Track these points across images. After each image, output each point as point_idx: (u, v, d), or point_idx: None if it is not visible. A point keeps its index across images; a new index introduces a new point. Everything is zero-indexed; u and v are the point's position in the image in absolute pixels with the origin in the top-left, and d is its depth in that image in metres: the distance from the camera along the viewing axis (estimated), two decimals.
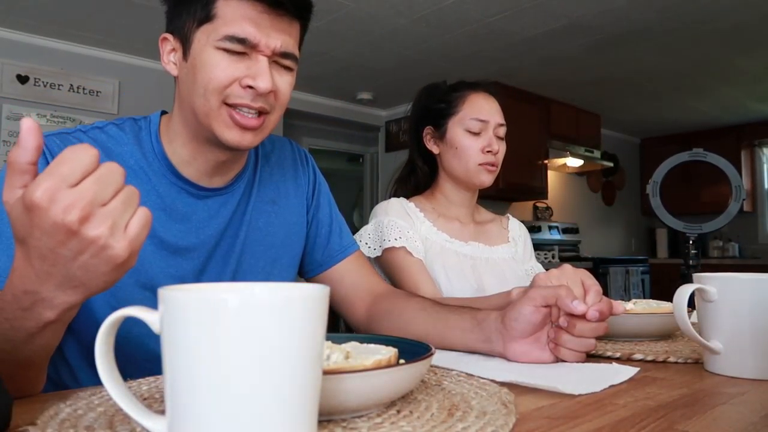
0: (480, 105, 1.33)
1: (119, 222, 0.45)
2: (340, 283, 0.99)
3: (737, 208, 2.18)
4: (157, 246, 0.81)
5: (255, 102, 0.76)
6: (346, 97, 4.77)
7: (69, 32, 3.34)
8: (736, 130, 5.57)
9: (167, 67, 0.81)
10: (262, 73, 0.75)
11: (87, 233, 0.44)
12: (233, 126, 0.77)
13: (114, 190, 0.45)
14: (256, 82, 0.75)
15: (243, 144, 0.79)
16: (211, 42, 0.75)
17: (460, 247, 1.33)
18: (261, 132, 0.80)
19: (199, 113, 0.77)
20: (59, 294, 0.49)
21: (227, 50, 0.75)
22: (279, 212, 0.94)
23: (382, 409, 0.51)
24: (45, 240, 0.45)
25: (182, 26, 0.78)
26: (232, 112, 0.76)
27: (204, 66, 0.75)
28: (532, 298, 0.72)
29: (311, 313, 0.36)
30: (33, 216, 0.44)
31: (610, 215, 5.98)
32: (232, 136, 0.78)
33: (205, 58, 0.75)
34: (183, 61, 0.79)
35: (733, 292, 0.67)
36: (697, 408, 0.55)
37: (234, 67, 0.75)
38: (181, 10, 0.78)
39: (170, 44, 0.80)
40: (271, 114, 0.80)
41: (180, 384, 0.35)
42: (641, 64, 3.90)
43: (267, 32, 0.76)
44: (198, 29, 0.76)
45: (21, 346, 0.53)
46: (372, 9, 3.01)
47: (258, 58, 0.76)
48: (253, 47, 0.75)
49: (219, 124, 0.77)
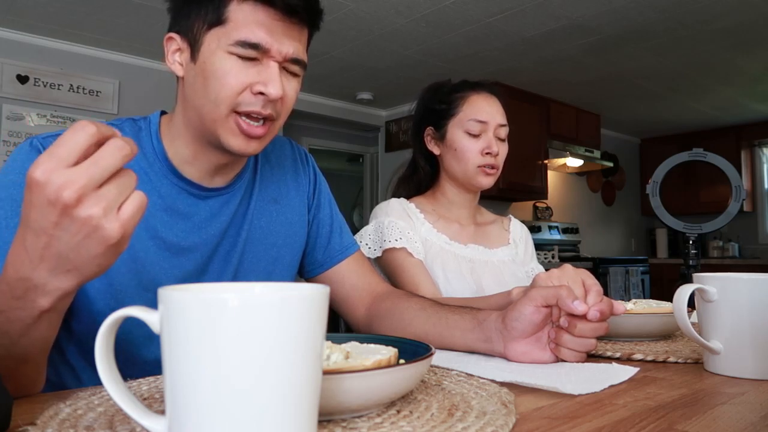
0: (480, 106, 1.32)
1: (113, 204, 0.46)
2: (341, 283, 0.99)
3: (737, 208, 2.17)
4: (159, 246, 0.81)
5: (265, 109, 0.76)
6: (346, 97, 4.77)
7: (69, 32, 3.34)
8: (735, 130, 5.57)
9: (172, 67, 0.80)
10: (273, 80, 0.75)
11: (79, 213, 0.45)
12: (239, 134, 0.77)
13: (110, 172, 0.46)
14: (267, 89, 0.74)
15: (248, 151, 0.79)
16: (222, 46, 0.74)
17: (460, 249, 1.32)
18: (265, 140, 0.80)
19: (206, 118, 0.77)
20: (52, 279, 0.49)
21: (239, 56, 0.74)
22: (280, 211, 0.94)
23: (382, 409, 0.51)
24: (40, 219, 0.46)
25: (190, 27, 0.77)
26: (239, 120, 0.76)
27: (215, 72, 0.74)
28: (532, 298, 0.72)
29: (311, 313, 0.36)
30: (31, 194, 0.46)
31: (610, 215, 5.98)
32: (238, 144, 0.77)
33: (216, 64, 0.74)
34: (191, 63, 0.78)
35: (733, 292, 0.67)
36: (697, 408, 0.55)
37: (245, 73, 0.75)
38: (189, 11, 0.77)
39: (176, 44, 0.79)
40: (276, 120, 0.80)
41: (180, 384, 0.35)
42: (641, 64, 3.90)
43: (279, 39, 0.75)
44: (208, 32, 0.75)
45: (18, 340, 0.53)
46: (372, 9, 3.01)
47: (269, 64, 0.75)
48: (264, 53, 0.75)
49: (225, 131, 0.77)
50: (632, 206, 6.22)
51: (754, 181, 5.69)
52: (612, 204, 5.99)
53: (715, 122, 5.51)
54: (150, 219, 0.80)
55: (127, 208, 0.47)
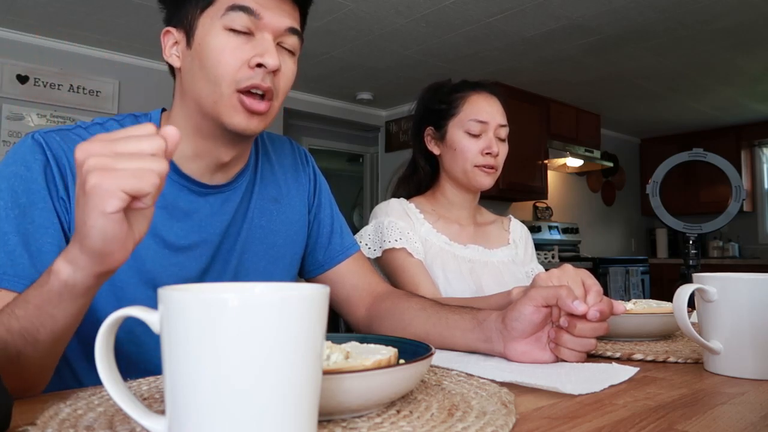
0: (480, 106, 1.32)
1: (121, 175, 0.47)
2: (341, 283, 0.99)
3: (737, 208, 2.17)
4: (160, 245, 0.80)
5: (264, 81, 0.76)
6: (346, 97, 4.77)
7: (69, 32, 3.34)
8: (735, 130, 5.57)
9: (170, 60, 0.81)
10: (269, 50, 0.76)
11: (87, 176, 0.47)
12: (241, 111, 0.77)
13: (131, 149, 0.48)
14: (265, 59, 0.75)
15: (249, 129, 0.78)
16: (216, 24, 0.75)
17: (459, 250, 1.32)
18: (266, 118, 0.80)
19: (206, 101, 0.77)
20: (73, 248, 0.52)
21: (233, 30, 0.75)
22: (281, 211, 0.94)
23: (382, 409, 0.51)
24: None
25: (185, 16, 0.78)
26: (242, 96, 0.76)
27: (211, 50, 0.75)
28: (532, 298, 0.72)
29: (311, 313, 0.36)
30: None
31: (610, 215, 5.98)
32: (239, 121, 0.77)
33: (211, 42, 0.75)
34: (186, 50, 0.78)
35: (733, 292, 0.67)
36: (697, 408, 0.55)
37: (241, 49, 0.75)
38: (184, 2, 0.78)
39: (173, 37, 0.80)
40: (274, 100, 0.80)
41: (180, 384, 0.35)
42: (641, 64, 3.90)
43: (271, 10, 0.76)
44: (201, 15, 0.77)
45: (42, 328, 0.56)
46: (372, 9, 3.01)
47: (264, 36, 0.76)
48: (257, 25, 0.76)
49: (227, 109, 0.77)
50: (632, 206, 6.22)
51: (754, 181, 5.69)
52: (612, 204, 5.99)
53: (715, 122, 5.51)
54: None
55: (127, 181, 0.47)
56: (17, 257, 0.68)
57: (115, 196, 0.47)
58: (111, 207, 0.47)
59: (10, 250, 0.68)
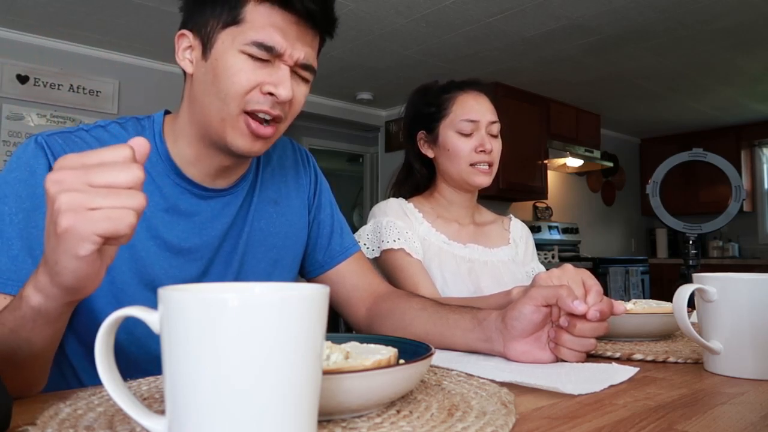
0: (470, 105, 1.31)
1: (92, 214, 0.45)
2: (341, 283, 0.99)
3: (737, 208, 2.17)
4: (160, 247, 0.80)
5: (273, 109, 0.76)
6: (346, 97, 4.77)
7: (69, 32, 3.34)
8: (735, 130, 5.57)
9: (181, 63, 0.80)
10: (284, 82, 0.75)
11: (57, 208, 0.45)
12: (247, 134, 0.77)
13: (105, 182, 0.45)
14: (278, 90, 0.75)
15: (253, 152, 0.79)
16: (236, 46, 0.74)
17: (458, 249, 1.32)
18: (271, 140, 0.80)
19: (214, 117, 0.77)
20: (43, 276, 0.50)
21: (251, 56, 0.74)
22: (281, 212, 0.94)
23: (382, 409, 0.51)
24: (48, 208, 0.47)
25: (204, 25, 0.77)
26: (249, 120, 0.76)
27: (227, 69, 0.75)
28: (532, 298, 0.72)
29: (311, 313, 0.36)
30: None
31: (610, 215, 5.98)
32: (243, 143, 0.77)
33: (228, 61, 0.75)
34: (202, 60, 0.77)
35: (733, 292, 0.67)
36: (697, 408, 0.55)
37: (256, 72, 0.75)
38: (204, 9, 0.77)
39: (188, 41, 0.79)
40: (281, 124, 0.80)
41: (180, 384, 0.35)
42: (641, 64, 3.90)
43: (293, 43, 0.76)
44: (223, 30, 0.75)
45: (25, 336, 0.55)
46: (372, 9, 3.01)
47: (281, 67, 0.76)
48: (277, 56, 0.75)
49: (233, 130, 0.76)
50: (632, 206, 6.22)
51: (754, 181, 5.69)
52: (612, 204, 5.99)
53: (715, 122, 5.51)
54: (151, 219, 0.80)
55: (101, 224, 0.44)
56: (20, 263, 0.68)
57: (88, 240, 0.45)
58: (84, 251, 0.45)
59: (14, 255, 0.68)
